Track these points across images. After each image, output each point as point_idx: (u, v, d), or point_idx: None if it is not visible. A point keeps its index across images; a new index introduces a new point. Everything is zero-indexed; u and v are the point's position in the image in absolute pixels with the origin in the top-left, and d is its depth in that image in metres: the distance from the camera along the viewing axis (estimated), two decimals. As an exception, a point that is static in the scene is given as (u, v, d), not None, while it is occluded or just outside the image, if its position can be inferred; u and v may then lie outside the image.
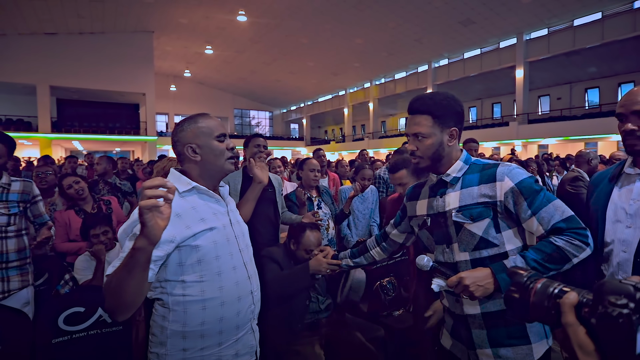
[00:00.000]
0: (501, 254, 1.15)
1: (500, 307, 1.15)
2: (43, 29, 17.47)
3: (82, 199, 2.79)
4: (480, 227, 1.15)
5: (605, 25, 14.26)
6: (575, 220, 1.08)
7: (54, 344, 1.79)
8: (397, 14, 16.47)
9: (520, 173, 1.15)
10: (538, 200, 1.10)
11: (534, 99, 20.06)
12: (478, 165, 1.23)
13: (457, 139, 1.25)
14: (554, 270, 1.07)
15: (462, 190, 1.20)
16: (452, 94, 1.27)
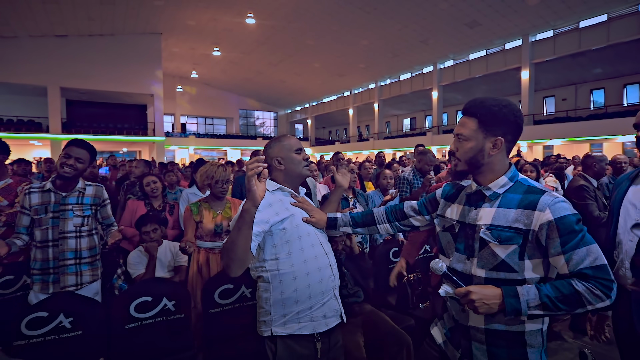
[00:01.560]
0: (518, 280, 1.12)
1: (506, 328, 1.15)
2: (54, 31, 17.75)
3: (154, 197, 3.19)
4: (505, 250, 1.13)
5: (611, 27, 14.39)
6: (605, 271, 1.04)
7: (127, 329, 1.99)
8: (403, 15, 16.64)
9: (564, 208, 1.08)
10: (573, 241, 1.05)
11: (539, 100, 20.19)
12: (523, 186, 1.17)
13: (505, 151, 1.20)
14: (564, 312, 1.05)
15: (498, 208, 1.17)
16: (512, 104, 1.20)
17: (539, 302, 1.04)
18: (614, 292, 1.03)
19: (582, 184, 3.22)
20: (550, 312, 1.06)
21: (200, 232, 2.41)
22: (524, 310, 1.05)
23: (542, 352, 1.18)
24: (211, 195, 2.49)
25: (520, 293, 1.06)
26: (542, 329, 1.18)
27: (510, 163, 1.23)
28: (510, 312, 1.06)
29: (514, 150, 8.31)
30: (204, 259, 2.38)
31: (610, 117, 15.57)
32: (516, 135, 1.19)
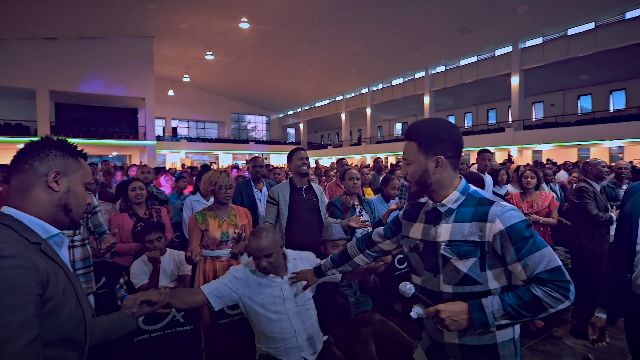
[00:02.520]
0: (484, 292, 1.15)
1: (478, 342, 1.18)
2: (43, 33, 17.49)
3: (138, 204, 2.98)
4: (466, 264, 1.16)
5: (598, 35, 14.74)
6: (560, 273, 1.06)
7: (135, 342, 1.95)
8: (396, 22, 16.81)
9: (513, 216, 1.11)
10: (526, 247, 1.08)
11: (528, 106, 20.55)
12: (474, 199, 1.20)
13: (451, 166, 1.23)
14: (528, 317, 1.08)
15: (454, 223, 1.19)
16: (445, 122, 1.26)
17: (503, 312, 1.07)
18: (571, 292, 1.05)
19: (582, 186, 3.34)
20: (516, 320, 1.08)
21: (206, 240, 2.37)
22: (491, 322, 1.07)
23: (516, 359, 1.21)
24: (215, 202, 2.46)
25: (485, 305, 1.08)
26: (513, 338, 1.20)
27: (460, 177, 1.27)
28: (478, 325, 1.08)
29: (504, 155, 8.36)
30: (211, 268, 2.35)
31: (597, 123, 15.93)
32: (456, 151, 1.23)
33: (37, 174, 0.95)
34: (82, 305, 0.96)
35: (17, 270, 0.80)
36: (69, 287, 0.92)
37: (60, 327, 0.88)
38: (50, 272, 0.86)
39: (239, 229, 2.43)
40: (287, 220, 2.65)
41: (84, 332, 0.97)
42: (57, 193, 0.97)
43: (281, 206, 2.65)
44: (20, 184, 0.95)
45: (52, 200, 0.97)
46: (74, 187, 1.01)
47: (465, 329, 1.11)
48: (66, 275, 0.93)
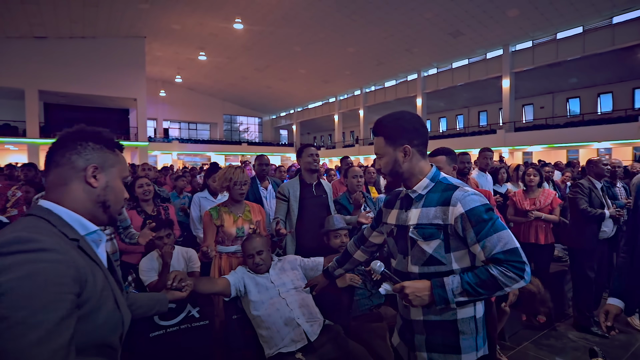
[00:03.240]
0: (447, 272, 1.21)
1: (440, 318, 1.25)
2: (33, 32, 17.18)
3: (145, 200, 2.98)
4: (431, 246, 1.22)
5: (586, 39, 15.08)
6: (516, 254, 1.12)
7: (151, 337, 1.93)
8: (390, 24, 16.95)
9: (473, 200, 1.18)
10: (484, 230, 1.14)
11: (519, 108, 20.88)
12: (442, 185, 1.27)
13: (419, 154, 1.30)
14: (485, 295, 1.14)
15: (422, 208, 1.26)
16: (406, 113, 1.33)
17: (461, 289, 1.14)
18: (526, 272, 1.11)
19: (580, 182, 3.51)
20: (474, 298, 1.15)
21: (221, 236, 2.36)
22: (450, 298, 1.15)
23: (478, 338, 1.26)
24: (230, 198, 2.45)
25: (446, 283, 1.16)
26: (474, 316, 1.25)
27: (432, 165, 1.34)
28: (439, 301, 1.16)
29: (495, 156, 8.52)
30: (227, 264, 2.33)
31: (586, 125, 16.25)
32: (421, 138, 1.30)
33: (74, 169, 0.89)
34: (121, 308, 0.90)
35: (55, 265, 0.73)
36: (106, 288, 0.86)
37: (96, 332, 0.82)
38: (88, 271, 0.80)
39: (254, 225, 2.43)
40: (297, 216, 2.65)
41: (120, 337, 0.91)
42: (96, 189, 0.91)
43: (291, 202, 2.65)
44: (58, 177, 0.89)
45: (90, 197, 0.91)
46: (112, 182, 0.95)
47: (428, 305, 1.19)
48: (104, 276, 0.87)
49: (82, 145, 0.91)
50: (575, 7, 14.13)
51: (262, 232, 2.53)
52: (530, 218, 3.47)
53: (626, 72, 16.16)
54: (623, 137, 14.34)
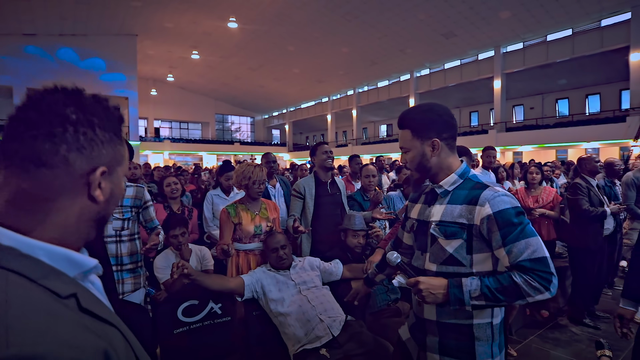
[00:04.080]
0: (466, 273, 1.16)
1: (455, 320, 1.19)
2: (22, 29, 16.84)
3: (173, 199, 3.09)
4: (453, 245, 1.17)
5: (575, 41, 15.40)
6: (544, 264, 1.06)
7: (175, 334, 1.94)
8: (383, 24, 17.06)
9: (503, 201, 1.12)
10: (512, 234, 1.08)
11: (509, 108, 21.19)
12: (471, 182, 1.22)
13: (448, 148, 1.25)
14: (503, 303, 1.08)
15: (447, 205, 1.21)
16: (435, 105, 1.27)
17: (479, 292, 1.08)
18: (553, 284, 1.05)
19: (576, 182, 3.50)
20: (492, 303, 1.09)
21: (238, 234, 2.37)
22: (466, 300, 1.09)
23: (493, 346, 1.20)
24: (247, 196, 2.46)
25: (464, 284, 1.10)
26: (491, 322, 1.20)
27: (461, 160, 1.29)
28: (454, 301, 1.11)
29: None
30: (244, 261, 2.34)
31: (575, 125, 16.59)
32: (451, 131, 1.25)
33: (71, 174, 0.51)
34: None
35: None
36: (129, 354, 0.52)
37: None
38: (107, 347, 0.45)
39: (270, 223, 2.45)
40: (312, 214, 2.67)
41: None
42: (98, 205, 0.55)
43: (307, 200, 2.68)
44: (29, 187, 0.49)
45: (89, 214, 0.55)
46: (118, 186, 0.59)
47: (441, 304, 1.14)
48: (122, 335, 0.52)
49: (85, 133, 0.52)
50: (565, 9, 14.42)
51: (278, 229, 2.55)
52: (535, 215, 3.55)
53: (614, 73, 16.53)
54: (611, 137, 14.67)
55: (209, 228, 3.20)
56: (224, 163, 3.57)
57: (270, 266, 2.17)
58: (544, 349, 3.03)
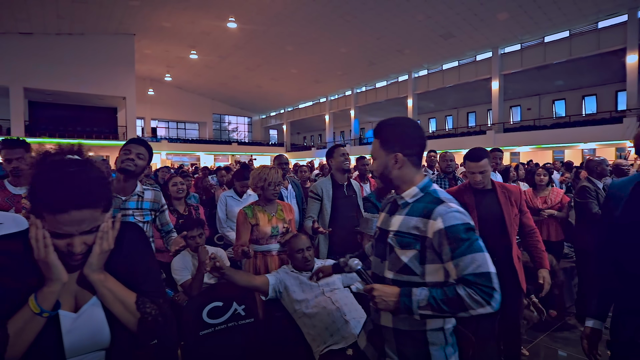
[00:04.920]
0: (419, 283, 1.21)
1: (409, 328, 1.25)
2: (18, 28, 16.71)
3: (178, 199, 3.01)
4: (407, 255, 1.22)
5: (573, 43, 15.55)
6: (487, 278, 1.10)
7: (201, 336, 1.95)
8: (382, 25, 17.11)
9: (455, 217, 1.16)
10: (460, 249, 1.13)
11: (507, 109, 21.34)
12: (429, 196, 1.26)
13: (411, 164, 1.29)
14: (448, 314, 1.12)
15: (405, 216, 1.26)
16: (406, 120, 1.33)
17: (426, 302, 1.12)
18: (494, 299, 1.09)
19: (585, 185, 3.50)
20: (437, 313, 1.13)
21: (256, 235, 2.38)
22: (414, 309, 1.14)
23: (446, 348, 1.26)
24: (263, 198, 2.48)
25: (414, 293, 1.15)
26: (443, 327, 1.25)
27: (425, 175, 1.34)
28: (402, 309, 1.15)
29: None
30: (262, 262, 2.36)
31: (573, 126, 16.75)
32: (415, 149, 1.29)
33: None
34: None
35: None
36: None
37: None
38: None
39: (287, 224, 2.46)
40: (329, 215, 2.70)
41: None
42: None
43: (325, 202, 2.69)
44: None
45: None
46: None
47: (392, 311, 1.19)
48: None
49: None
50: (563, 11, 14.56)
51: (293, 230, 2.57)
52: (544, 216, 3.59)
53: (610, 75, 16.71)
54: (608, 138, 14.83)
55: (223, 229, 3.21)
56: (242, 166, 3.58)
57: (294, 267, 2.19)
58: (555, 348, 3.08)
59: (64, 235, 0.87)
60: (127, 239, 1.03)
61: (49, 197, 0.83)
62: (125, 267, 1.01)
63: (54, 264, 0.87)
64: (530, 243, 2.39)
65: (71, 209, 0.84)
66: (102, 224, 0.92)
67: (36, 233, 0.85)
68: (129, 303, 0.97)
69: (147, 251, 1.09)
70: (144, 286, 1.02)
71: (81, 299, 0.96)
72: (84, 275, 0.94)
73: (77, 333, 0.92)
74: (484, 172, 2.25)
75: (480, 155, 2.26)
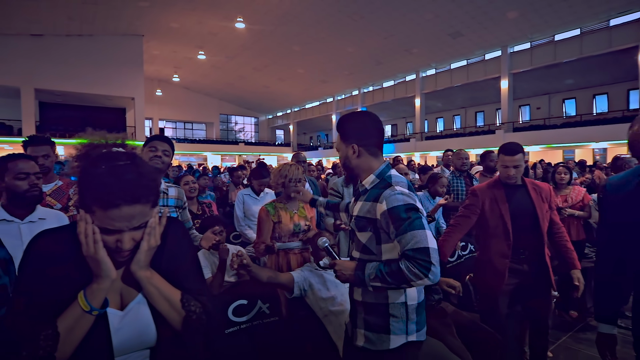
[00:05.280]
0: (378, 261, 1.32)
1: (375, 300, 1.37)
2: (29, 30, 16.89)
3: (190, 198, 2.99)
4: (364, 236, 1.37)
5: (583, 41, 15.35)
6: (425, 253, 1.17)
7: (227, 334, 1.93)
8: (390, 24, 17.04)
9: (397, 199, 1.26)
10: (401, 227, 1.22)
11: (516, 109, 21.15)
12: (383, 182, 1.36)
13: (369, 154, 1.40)
14: (393, 284, 1.22)
15: (364, 202, 1.38)
16: (361, 114, 1.46)
17: (374, 274, 1.24)
18: (432, 272, 1.17)
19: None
20: (386, 285, 1.23)
21: (278, 232, 2.36)
22: (366, 280, 1.27)
23: (409, 324, 1.36)
24: (284, 195, 2.46)
25: (367, 267, 1.29)
26: (405, 302, 1.36)
27: (383, 162, 1.44)
28: (356, 281, 1.31)
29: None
30: (284, 260, 2.34)
31: (583, 126, 16.54)
32: (371, 139, 1.41)
33: None
34: None
35: None
36: None
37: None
38: None
39: (308, 221, 2.44)
40: (350, 213, 2.67)
41: None
42: None
43: (345, 199, 2.67)
44: None
45: None
46: None
47: (351, 283, 1.36)
48: None
49: None
50: (574, 9, 14.38)
51: (314, 227, 2.54)
52: (564, 215, 3.53)
53: (621, 73, 16.48)
54: (620, 137, 14.61)
55: (241, 227, 3.20)
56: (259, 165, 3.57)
57: (317, 265, 2.16)
58: (578, 349, 3.01)
59: (113, 231, 0.84)
60: (171, 235, 1.00)
61: (101, 191, 0.80)
62: (168, 263, 0.98)
63: (104, 260, 0.84)
64: (559, 242, 2.34)
65: (122, 204, 0.81)
66: (150, 219, 0.90)
67: (86, 228, 0.83)
68: (175, 301, 0.94)
69: (190, 248, 1.07)
70: (187, 283, 0.99)
71: (126, 296, 0.94)
72: (129, 272, 0.92)
73: (124, 331, 0.89)
74: (518, 166, 2.21)
75: (516, 150, 2.23)
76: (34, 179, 1.66)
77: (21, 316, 0.82)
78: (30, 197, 1.64)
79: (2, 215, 1.62)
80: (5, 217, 1.62)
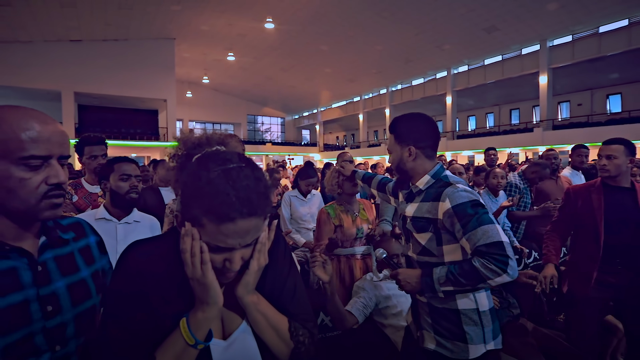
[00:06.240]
0: (438, 263, 1.28)
1: (441, 305, 1.30)
2: (69, 36, 17.62)
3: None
4: (424, 238, 1.31)
5: (632, 32, 14.34)
6: (499, 247, 1.12)
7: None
8: (421, 21, 16.60)
9: (461, 196, 1.22)
10: (470, 224, 1.17)
11: (554, 105, 20.12)
12: (441, 182, 1.32)
13: (424, 156, 1.37)
14: (468, 285, 1.15)
15: (420, 202, 1.34)
16: (419, 116, 1.42)
17: (445, 278, 1.19)
18: (510, 267, 1.10)
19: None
20: (458, 288, 1.18)
21: (339, 237, 2.19)
22: (436, 286, 1.21)
23: (485, 331, 1.27)
24: (344, 194, 2.27)
25: (434, 272, 1.23)
26: (477, 309, 1.28)
27: (437, 163, 1.39)
28: (425, 288, 1.25)
29: (522, 156, 8.06)
30: (346, 267, 2.16)
31: (631, 122, 15.48)
32: (428, 141, 1.37)
33: None
34: None
35: None
36: None
37: None
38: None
39: (371, 225, 2.25)
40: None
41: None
42: None
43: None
44: None
45: None
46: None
47: (418, 291, 1.30)
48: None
49: None
50: (621, -2, 13.47)
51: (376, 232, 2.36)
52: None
53: (674, 66, 15.33)
54: (674, 134, 13.59)
55: (288, 229, 3.06)
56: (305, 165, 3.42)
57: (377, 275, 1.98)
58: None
59: (223, 248, 0.68)
60: (273, 250, 0.83)
61: (217, 201, 0.64)
62: (273, 285, 0.82)
63: (212, 285, 0.69)
64: None
65: (238, 218, 0.64)
66: (261, 234, 0.73)
67: (192, 246, 0.67)
68: (283, 330, 0.78)
69: (292, 265, 0.89)
70: (293, 308, 0.83)
71: (229, 324, 0.78)
72: (230, 295, 0.76)
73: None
74: (611, 156, 1.94)
75: (614, 141, 1.98)
76: (134, 181, 1.71)
77: (118, 348, 0.69)
78: (129, 198, 1.69)
79: (103, 214, 1.68)
80: (105, 216, 1.68)
